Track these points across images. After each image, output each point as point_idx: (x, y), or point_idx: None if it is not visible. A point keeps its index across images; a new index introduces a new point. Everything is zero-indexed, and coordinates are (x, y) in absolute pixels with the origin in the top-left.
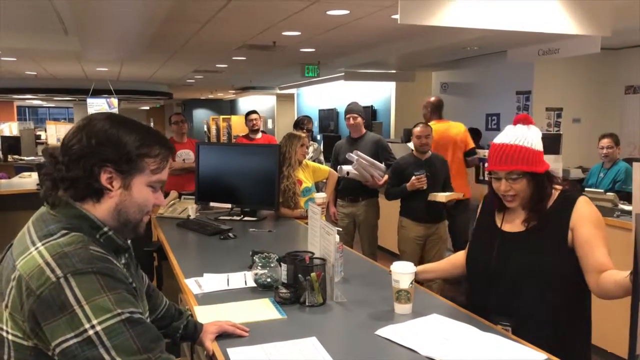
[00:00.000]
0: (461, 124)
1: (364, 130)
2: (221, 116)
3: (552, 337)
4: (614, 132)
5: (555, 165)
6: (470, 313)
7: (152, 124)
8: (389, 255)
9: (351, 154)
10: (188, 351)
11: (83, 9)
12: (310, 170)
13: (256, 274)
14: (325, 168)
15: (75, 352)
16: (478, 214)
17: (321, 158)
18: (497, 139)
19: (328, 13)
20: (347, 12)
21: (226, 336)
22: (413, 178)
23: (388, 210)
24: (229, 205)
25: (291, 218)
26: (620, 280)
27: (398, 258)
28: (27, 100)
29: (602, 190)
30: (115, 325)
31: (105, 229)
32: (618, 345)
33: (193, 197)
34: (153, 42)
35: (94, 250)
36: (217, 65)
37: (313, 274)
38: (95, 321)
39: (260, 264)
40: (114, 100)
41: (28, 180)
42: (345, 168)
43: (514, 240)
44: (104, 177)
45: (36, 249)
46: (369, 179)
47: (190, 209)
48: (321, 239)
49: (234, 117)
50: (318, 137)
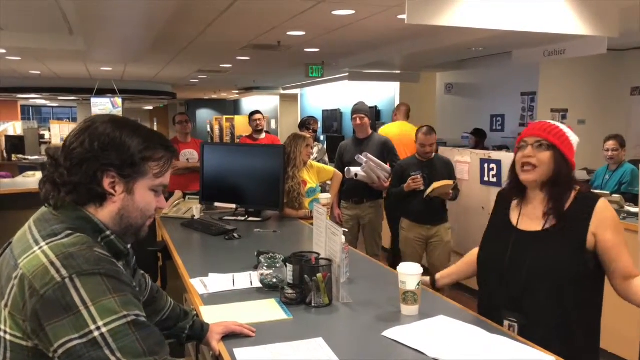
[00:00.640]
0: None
1: (370, 131)
2: (224, 116)
3: (562, 339)
4: (620, 134)
5: None
6: (477, 314)
7: (156, 123)
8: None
9: (360, 156)
10: (193, 351)
11: (88, 9)
12: (315, 171)
13: (262, 275)
14: (330, 169)
15: (80, 353)
16: (492, 211)
17: (325, 159)
18: None
19: (333, 13)
20: (353, 12)
21: (232, 336)
22: (409, 179)
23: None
24: (233, 206)
25: (295, 218)
26: None
27: (401, 260)
28: (31, 100)
29: (608, 193)
30: (121, 327)
31: (108, 233)
32: (628, 350)
33: (197, 197)
34: (157, 42)
35: (99, 252)
36: (222, 65)
37: (319, 275)
38: (100, 322)
39: (265, 265)
40: (118, 100)
41: (31, 180)
42: (354, 170)
43: (529, 239)
44: (106, 182)
45: (40, 248)
46: (376, 180)
47: (195, 209)
48: (327, 239)
49: (237, 117)
50: (321, 138)
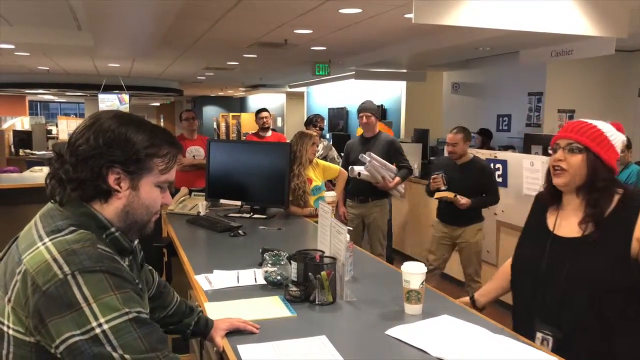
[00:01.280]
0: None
1: (377, 130)
2: (231, 113)
3: (601, 354)
4: (627, 135)
5: None
6: (481, 315)
7: (162, 120)
8: (398, 256)
9: (364, 155)
10: (197, 347)
11: (97, 5)
12: (320, 169)
13: (266, 272)
14: (336, 167)
15: (82, 349)
16: (529, 214)
17: (333, 154)
18: None
19: (340, 11)
20: (360, 11)
21: (236, 333)
22: (431, 178)
23: (397, 211)
24: (238, 203)
25: (301, 216)
26: None
27: (408, 259)
28: (39, 95)
29: None
30: (122, 324)
31: (112, 230)
32: None
33: (203, 194)
34: (165, 39)
35: (102, 249)
36: (228, 63)
37: (323, 273)
38: (102, 319)
39: (270, 262)
40: (125, 96)
41: (39, 175)
42: (357, 169)
43: (567, 245)
44: (111, 178)
45: (43, 244)
46: (380, 180)
47: (201, 205)
48: (331, 237)
49: (243, 115)
50: (327, 136)
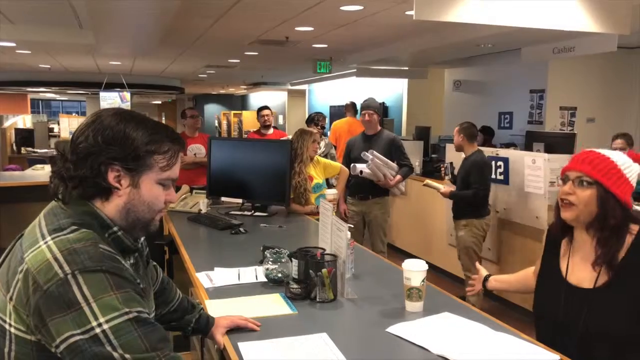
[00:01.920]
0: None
1: (379, 128)
2: (232, 111)
3: None
4: (629, 133)
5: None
6: (482, 312)
7: (164, 118)
8: (399, 253)
9: (366, 153)
10: (198, 344)
11: (98, 3)
12: (321, 167)
13: (267, 269)
14: (337, 165)
15: (82, 348)
16: (543, 251)
17: (333, 152)
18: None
19: (342, 9)
20: (361, 8)
21: (237, 330)
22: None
23: (398, 208)
24: (240, 200)
25: (302, 214)
26: None
27: (408, 256)
28: (41, 93)
29: None
30: (122, 324)
31: (115, 229)
32: None
33: (204, 192)
34: (166, 37)
35: (103, 249)
36: (230, 61)
37: (324, 270)
38: (102, 319)
39: (271, 259)
40: (127, 94)
41: (41, 173)
42: (359, 167)
43: (581, 297)
44: (111, 176)
45: (45, 243)
46: (382, 178)
47: (202, 203)
48: (332, 235)
49: (245, 113)
50: (328, 134)
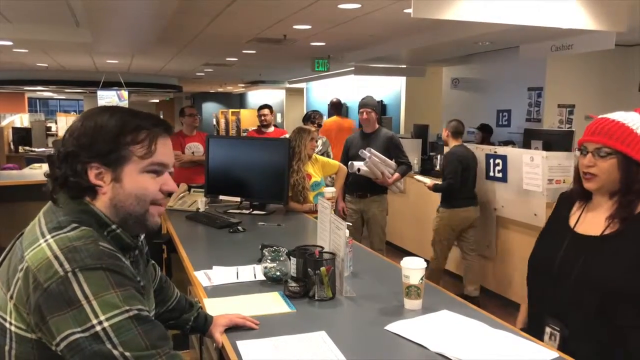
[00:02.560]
0: (351, 120)
1: (377, 126)
2: (230, 110)
3: None
4: None
5: (567, 163)
6: (481, 310)
7: (162, 117)
8: (398, 251)
9: (364, 151)
10: (197, 343)
11: (94, 2)
12: (319, 165)
13: (265, 267)
14: (335, 163)
15: (82, 346)
16: (552, 212)
17: (329, 151)
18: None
19: (339, 7)
20: (359, 6)
21: (235, 329)
22: None
23: (397, 206)
24: (238, 199)
25: (300, 212)
26: None
27: (407, 254)
28: (38, 92)
29: None
30: (123, 321)
31: (113, 227)
32: None
33: (202, 190)
34: (164, 35)
35: (103, 247)
36: (227, 59)
37: (323, 268)
38: (102, 317)
39: (269, 258)
40: (124, 93)
41: (38, 172)
42: (357, 164)
43: (585, 244)
44: (92, 174)
45: (45, 241)
46: (380, 176)
47: (200, 201)
48: (331, 233)
49: (243, 111)
50: None
